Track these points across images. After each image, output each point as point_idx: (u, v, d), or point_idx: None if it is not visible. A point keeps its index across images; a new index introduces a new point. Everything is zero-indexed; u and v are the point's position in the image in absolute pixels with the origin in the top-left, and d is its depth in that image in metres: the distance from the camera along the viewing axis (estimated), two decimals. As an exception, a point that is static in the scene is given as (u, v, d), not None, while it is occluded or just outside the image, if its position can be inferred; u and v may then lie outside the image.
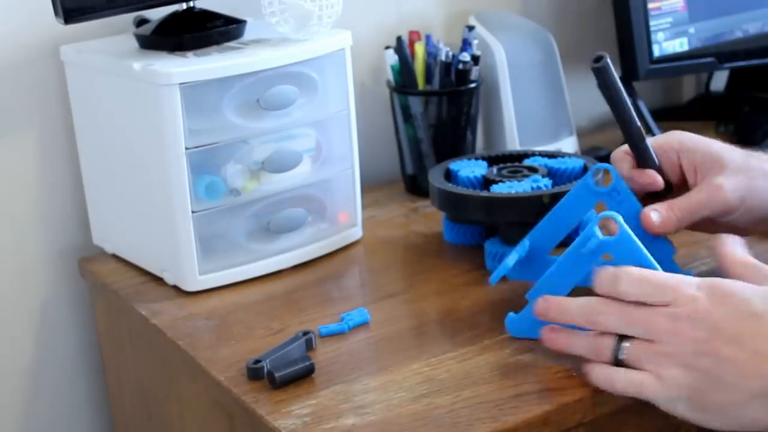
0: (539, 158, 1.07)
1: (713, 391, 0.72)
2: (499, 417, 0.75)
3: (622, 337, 0.76)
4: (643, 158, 0.89)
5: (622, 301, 0.76)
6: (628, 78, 1.31)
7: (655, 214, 0.87)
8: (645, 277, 0.76)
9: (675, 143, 0.90)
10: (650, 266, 0.79)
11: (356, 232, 1.09)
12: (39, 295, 1.15)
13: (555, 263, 0.83)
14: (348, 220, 1.08)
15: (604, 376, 0.76)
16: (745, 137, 1.33)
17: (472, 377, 0.80)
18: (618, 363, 0.76)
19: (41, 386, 1.17)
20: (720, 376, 0.71)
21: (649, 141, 0.90)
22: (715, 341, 0.72)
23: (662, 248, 0.88)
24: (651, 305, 0.75)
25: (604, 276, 0.77)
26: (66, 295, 1.16)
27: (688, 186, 0.90)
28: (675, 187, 0.91)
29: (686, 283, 0.75)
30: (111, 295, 1.03)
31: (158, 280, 1.02)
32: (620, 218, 0.81)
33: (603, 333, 0.77)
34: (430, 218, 1.15)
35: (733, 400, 0.71)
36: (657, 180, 0.89)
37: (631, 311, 0.75)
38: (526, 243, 0.90)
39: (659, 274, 0.76)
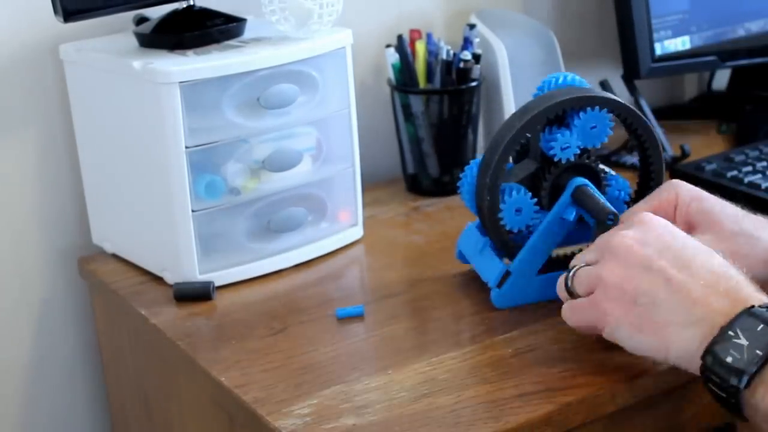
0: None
1: (655, 311, 0.73)
2: (501, 417, 0.74)
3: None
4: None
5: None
6: (629, 76, 1.31)
7: None
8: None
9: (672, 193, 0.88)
10: None
11: (357, 232, 1.09)
12: (39, 295, 1.14)
13: (536, 232, 0.89)
14: (348, 219, 1.08)
15: (565, 310, 0.81)
16: (747, 136, 1.32)
17: (473, 377, 0.79)
18: (570, 293, 0.80)
19: (41, 386, 1.17)
20: (667, 299, 0.73)
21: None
22: (664, 260, 0.74)
23: None
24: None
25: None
26: (66, 295, 1.15)
27: None
28: None
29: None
30: (111, 295, 1.03)
31: (158, 279, 1.02)
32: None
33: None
34: (430, 217, 1.14)
35: (673, 321, 0.72)
36: None
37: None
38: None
39: None
